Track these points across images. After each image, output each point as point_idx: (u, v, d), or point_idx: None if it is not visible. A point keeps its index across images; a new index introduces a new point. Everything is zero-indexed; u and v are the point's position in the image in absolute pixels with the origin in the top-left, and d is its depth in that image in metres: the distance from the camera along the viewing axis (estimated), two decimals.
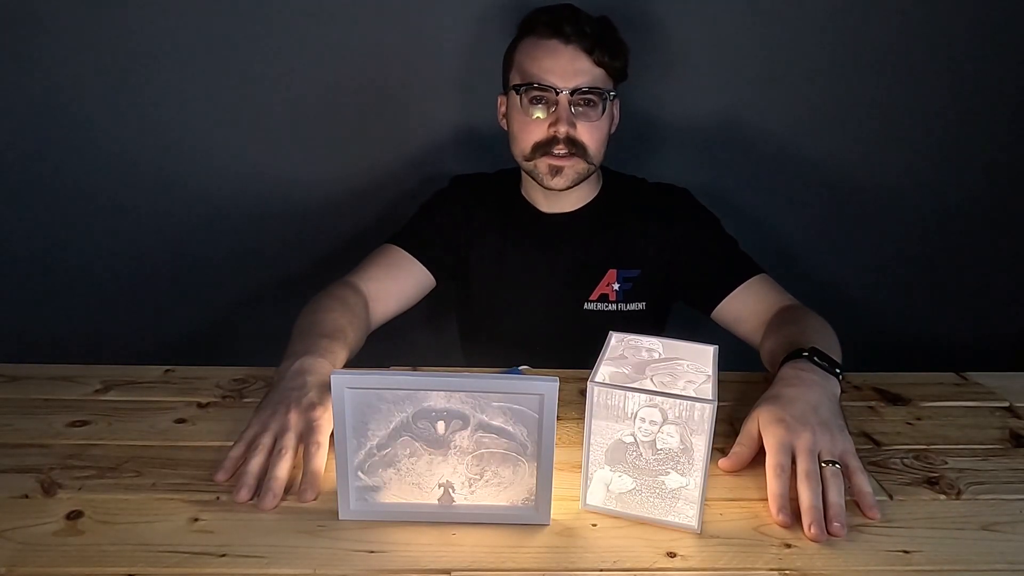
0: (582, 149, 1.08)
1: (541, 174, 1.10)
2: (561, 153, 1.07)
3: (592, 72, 1.06)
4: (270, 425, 0.74)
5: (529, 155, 1.09)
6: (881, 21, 1.33)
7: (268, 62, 1.30)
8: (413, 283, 1.15)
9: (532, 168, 1.11)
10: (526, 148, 1.09)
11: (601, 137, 1.09)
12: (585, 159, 1.09)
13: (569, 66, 1.05)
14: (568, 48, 1.05)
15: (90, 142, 1.33)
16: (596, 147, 1.09)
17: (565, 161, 1.08)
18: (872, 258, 1.51)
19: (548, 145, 1.07)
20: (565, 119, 1.06)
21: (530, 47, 1.08)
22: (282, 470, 0.71)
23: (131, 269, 1.43)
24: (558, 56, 1.05)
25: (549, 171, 1.09)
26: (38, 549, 0.64)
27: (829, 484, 0.69)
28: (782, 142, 1.41)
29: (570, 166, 1.08)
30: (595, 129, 1.08)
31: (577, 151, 1.07)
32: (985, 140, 1.43)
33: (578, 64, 1.05)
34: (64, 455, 0.77)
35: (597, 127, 1.08)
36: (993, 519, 0.71)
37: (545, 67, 1.06)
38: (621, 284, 1.16)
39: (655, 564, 0.64)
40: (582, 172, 1.10)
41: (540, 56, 1.06)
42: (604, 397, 0.66)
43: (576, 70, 1.05)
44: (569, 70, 1.05)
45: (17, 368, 0.96)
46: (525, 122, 1.08)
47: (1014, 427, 0.88)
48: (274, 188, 1.39)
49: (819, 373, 0.82)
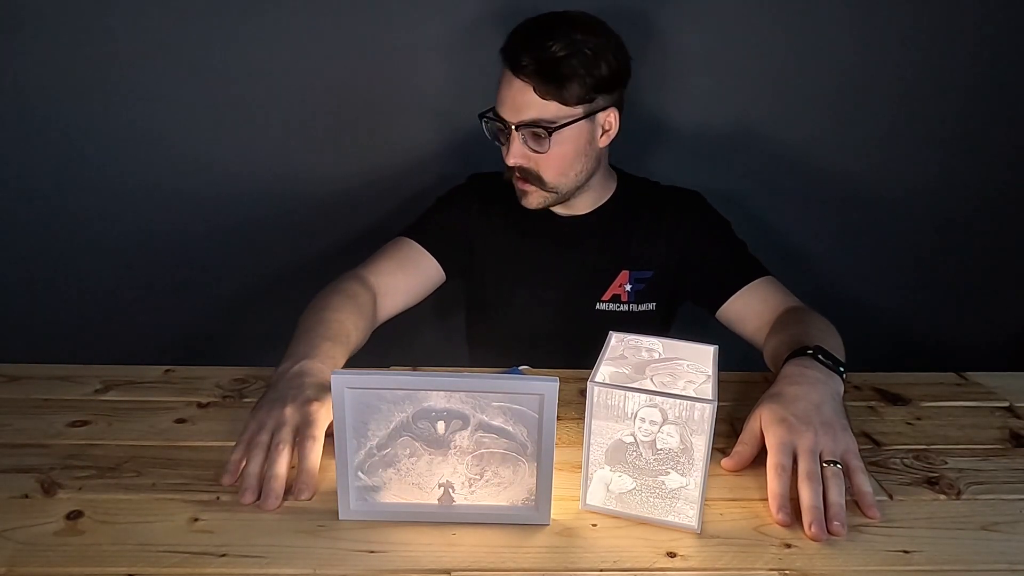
0: (536, 178, 1.07)
1: (517, 194, 1.12)
2: (519, 179, 1.08)
3: (538, 106, 1.02)
4: (266, 423, 0.74)
5: (507, 177, 1.11)
6: (891, 24, 1.33)
7: (277, 60, 1.30)
8: (423, 278, 1.15)
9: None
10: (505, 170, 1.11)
11: (559, 166, 1.07)
12: (542, 188, 1.08)
13: (516, 99, 1.03)
14: (516, 80, 1.02)
15: (91, 141, 1.33)
16: (554, 175, 1.07)
17: (525, 186, 1.09)
18: (873, 258, 1.51)
19: (510, 171, 1.09)
20: (514, 152, 1.05)
21: (501, 71, 1.07)
22: (280, 467, 0.71)
23: (132, 269, 1.42)
24: (509, 87, 1.04)
25: (520, 194, 1.11)
26: (38, 549, 0.64)
27: (830, 484, 0.70)
28: (790, 146, 1.41)
29: (532, 191, 1.09)
30: (549, 159, 1.06)
31: (531, 180, 1.08)
32: (987, 142, 1.43)
33: (524, 97, 1.02)
34: (64, 455, 0.77)
35: (551, 157, 1.06)
36: (993, 519, 0.71)
37: (500, 98, 1.06)
38: (633, 285, 1.16)
39: (655, 564, 0.64)
40: (549, 198, 1.11)
41: (500, 85, 1.06)
42: (604, 397, 0.66)
43: (522, 103, 1.03)
44: (516, 103, 1.03)
45: (17, 368, 0.96)
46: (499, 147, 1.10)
47: (1014, 427, 0.88)
48: (277, 188, 1.39)
49: (823, 371, 0.82)
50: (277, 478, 0.70)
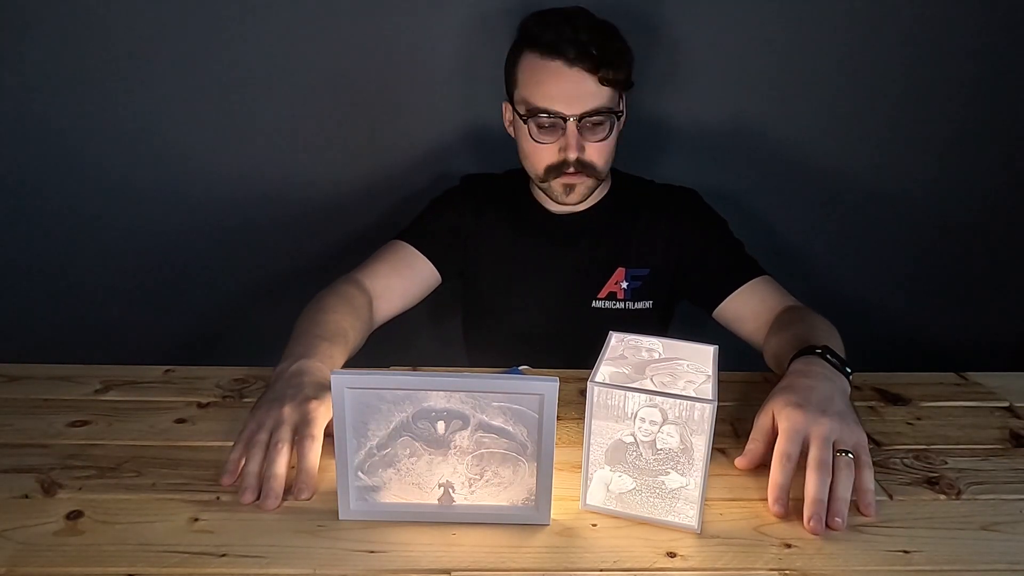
0: (591, 168, 1.08)
1: (556, 193, 1.11)
2: (571, 172, 1.08)
3: (599, 93, 1.03)
4: (265, 422, 0.74)
5: (543, 177, 1.10)
6: (892, 25, 1.33)
7: (273, 60, 1.29)
8: (419, 280, 1.15)
9: (547, 187, 1.12)
10: (539, 171, 1.10)
11: (610, 152, 1.09)
12: (595, 176, 1.09)
13: (575, 91, 1.02)
14: (572, 71, 1.01)
15: (90, 141, 1.33)
16: (604, 162, 1.09)
17: (576, 179, 1.08)
18: (873, 258, 1.51)
19: (560, 167, 1.07)
20: (574, 145, 1.05)
21: (532, 67, 1.05)
22: (279, 467, 0.71)
23: (132, 269, 1.42)
24: (562, 80, 1.02)
25: (563, 190, 1.10)
26: (38, 549, 0.64)
27: (840, 476, 0.69)
28: (788, 145, 1.40)
29: (581, 183, 1.09)
30: (604, 147, 1.07)
31: (587, 171, 1.08)
32: (987, 141, 1.43)
33: (584, 87, 1.02)
34: (64, 455, 0.77)
35: (606, 144, 1.07)
36: (993, 519, 0.71)
37: (550, 94, 1.03)
38: (630, 283, 1.16)
39: (655, 564, 0.64)
40: (592, 187, 1.11)
41: (544, 80, 1.03)
42: (604, 397, 0.66)
43: (582, 94, 1.02)
44: (574, 95, 1.02)
45: (17, 368, 0.96)
46: (535, 147, 1.08)
47: (1014, 427, 0.88)
48: (277, 188, 1.38)
49: (830, 370, 0.82)
50: (276, 477, 0.70)
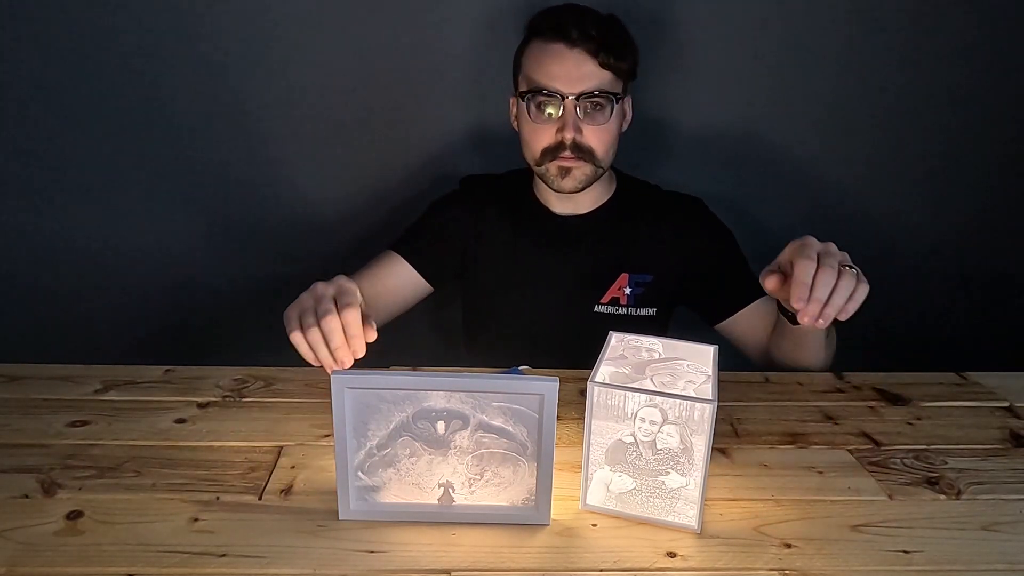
0: (589, 153, 1.08)
1: (551, 177, 1.11)
2: (568, 156, 1.07)
3: (598, 75, 1.05)
4: (305, 303, 0.76)
5: (539, 160, 1.10)
6: (899, 33, 1.33)
7: (276, 62, 1.29)
8: (407, 290, 1.17)
9: (543, 172, 1.11)
10: (536, 153, 1.10)
11: (609, 139, 1.09)
12: (593, 162, 1.09)
13: (574, 70, 1.04)
14: (573, 52, 1.04)
15: (90, 141, 1.33)
16: (604, 150, 1.09)
17: (573, 163, 1.08)
18: (873, 258, 1.50)
19: (556, 150, 1.08)
20: (571, 124, 1.05)
21: (536, 51, 1.07)
22: (339, 337, 0.73)
23: (132, 269, 1.42)
24: (563, 60, 1.04)
25: (559, 173, 1.09)
26: (38, 549, 0.64)
27: (843, 281, 0.73)
28: (792, 150, 1.40)
29: (578, 168, 1.09)
30: (603, 132, 1.07)
31: (584, 155, 1.08)
32: (988, 144, 1.43)
33: (583, 68, 1.04)
34: (64, 455, 0.77)
35: (605, 130, 1.07)
36: (993, 519, 0.71)
37: (551, 72, 1.05)
38: (633, 288, 1.16)
39: (655, 564, 0.64)
40: (590, 175, 1.10)
41: (545, 61, 1.06)
42: (604, 397, 0.66)
43: (581, 74, 1.04)
44: (574, 75, 1.04)
45: (17, 368, 0.96)
46: (534, 128, 1.08)
47: (1014, 427, 0.88)
48: (280, 189, 1.38)
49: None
50: (340, 349, 0.72)
